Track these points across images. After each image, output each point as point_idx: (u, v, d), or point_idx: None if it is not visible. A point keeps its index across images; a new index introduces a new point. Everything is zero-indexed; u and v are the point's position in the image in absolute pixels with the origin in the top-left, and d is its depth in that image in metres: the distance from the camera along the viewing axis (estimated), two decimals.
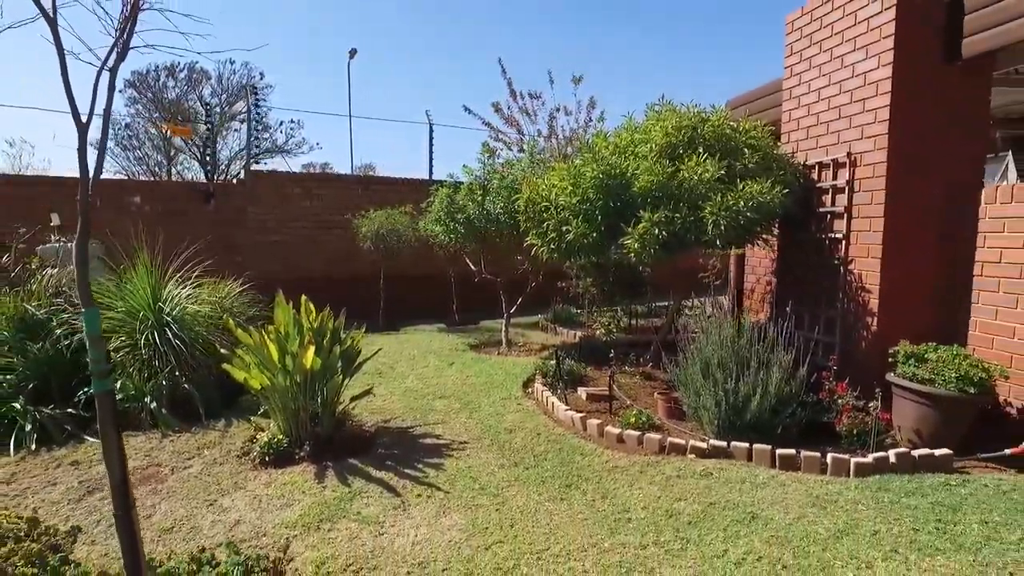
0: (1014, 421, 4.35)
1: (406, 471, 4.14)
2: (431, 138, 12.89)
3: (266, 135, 28.37)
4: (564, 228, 5.53)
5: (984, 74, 5.05)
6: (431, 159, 12.79)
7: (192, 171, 29.35)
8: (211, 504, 3.76)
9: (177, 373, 5.33)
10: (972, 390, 4.08)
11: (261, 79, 26.00)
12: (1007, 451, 4.02)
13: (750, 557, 3.01)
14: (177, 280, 5.93)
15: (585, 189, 5.40)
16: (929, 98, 4.91)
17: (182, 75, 28.13)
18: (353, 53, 22.11)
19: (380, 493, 3.83)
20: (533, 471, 4.10)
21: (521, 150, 13.20)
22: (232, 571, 2.52)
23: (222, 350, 4.95)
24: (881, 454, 3.97)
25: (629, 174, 5.33)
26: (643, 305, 9.10)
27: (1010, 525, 3.18)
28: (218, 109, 27.08)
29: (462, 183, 8.24)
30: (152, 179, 26.55)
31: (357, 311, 4.96)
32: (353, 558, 3.10)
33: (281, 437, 4.39)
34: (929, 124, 4.91)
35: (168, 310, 5.50)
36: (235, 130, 28.74)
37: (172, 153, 28.62)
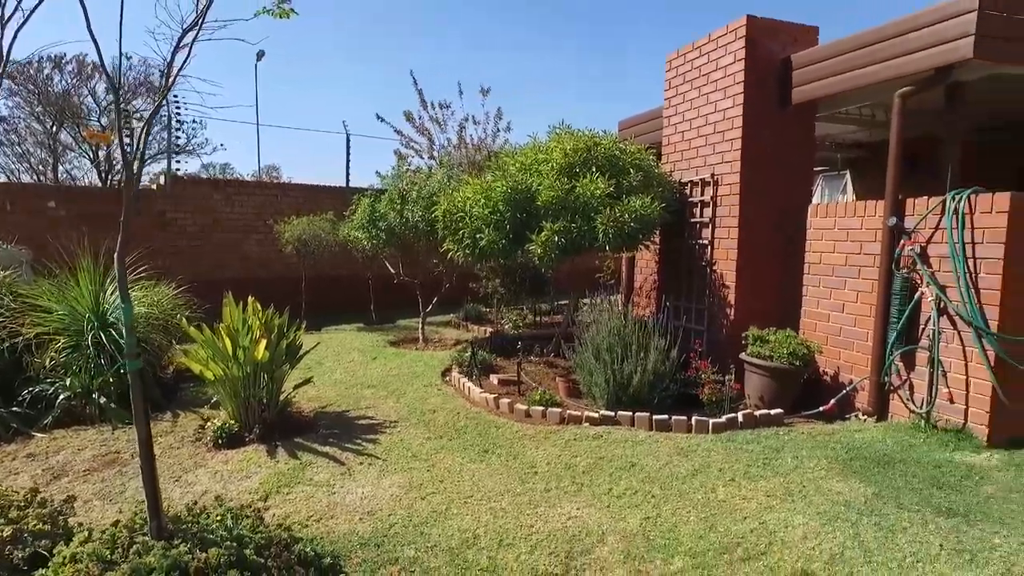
0: (828, 386, 5.58)
1: (347, 446, 4.83)
2: (348, 147, 13.40)
3: (165, 134, 27.40)
4: (478, 236, 6.35)
5: (810, 116, 6.31)
6: (348, 167, 13.33)
7: (82, 171, 27.94)
8: (177, 480, 4.31)
9: (122, 371, 5.73)
10: (798, 363, 5.26)
11: (160, 76, 25.16)
12: (821, 408, 5.23)
13: (628, 491, 3.94)
14: (116, 284, 6.30)
15: (496, 202, 6.24)
16: (771, 132, 6.09)
17: (69, 67, 26.76)
18: (260, 55, 22.02)
19: (327, 464, 4.51)
20: (456, 441, 4.90)
21: (432, 157, 13.95)
22: (226, 514, 3.18)
23: (179, 347, 5.44)
24: (732, 415, 5.06)
25: (533, 189, 6.22)
26: (547, 303, 10.09)
27: (811, 457, 4.32)
28: (112, 107, 25.99)
29: (384, 191, 8.93)
30: (57, 182, 25.12)
31: (280, 312, 5.55)
32: (312, 512, 3.77)
33: (232, 422, 4.97)
34: (771, 152, 6.10)
35: (111, 312, 5.89)
36: (132, 128, 27.52)
37: (59, 151, 27.16)
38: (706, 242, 6.41)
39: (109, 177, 24.43)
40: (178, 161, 13.10)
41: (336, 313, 11.14)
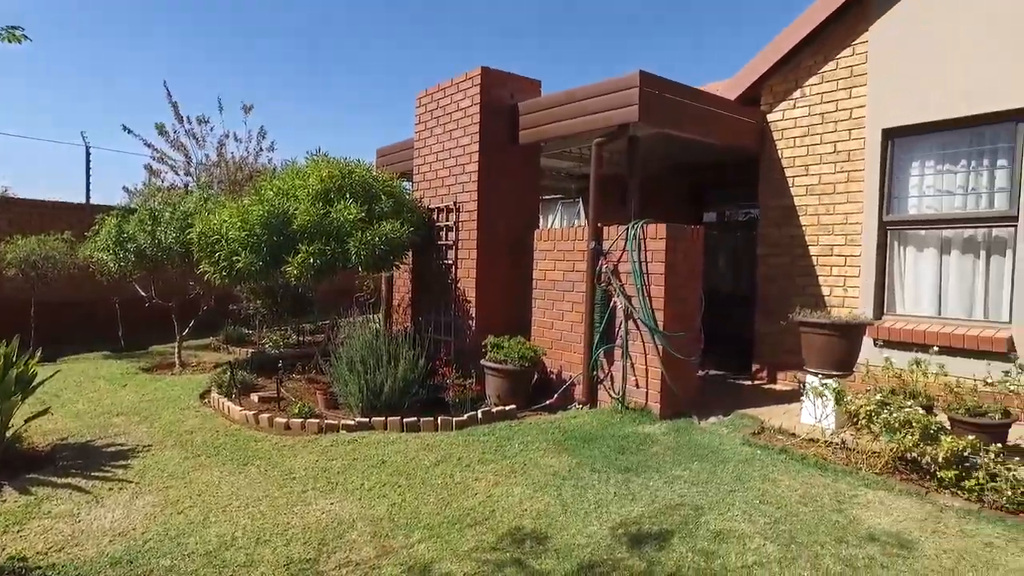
0: (554, 383, 6.65)
1: (94, 474, 4.71)
2: (88, 161, 12.19)
3: None
4: (234, 258, 6.46)
5: (536, 153, 7.46)
6: (88, 183, 12.07)
7: None
8: None
9: None
10: (527, 364, 6.22)
11: None
12: (547, 402, 6.25)
13: (378, 485, 4.45)
14: None
15: (252, 225, 6.41)
16: (504, 166, 7.10)
17: None
18: None
19: (69, 495, 4.36)
20: (215, 458, 5.03)
21: (187, 174, 13.29)
22: None
23: None
24: (473, 413, 5.83)
25: (290, 213, 6.51)
26: (311, 323, 10.25)
27: (534, 441, 5.23)
28: None
29: (134, 210, 8.47)
30: None
31: (5, 341, 5.12)
32: (53, 543, 3.69)
33: None
34: (505, 183, 7.10)
35: None
36: None
37: None
38: (451, 262, 7.23)
39: None
40: None
41: (77, 341, 10.16)
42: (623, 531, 3.69)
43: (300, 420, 5.65)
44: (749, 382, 7.42)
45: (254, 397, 6.57)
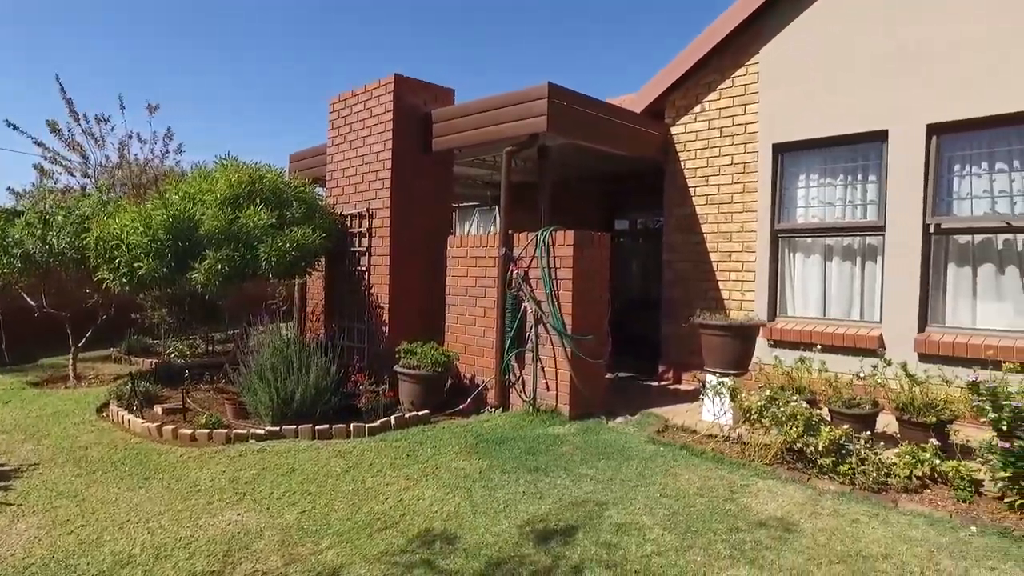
0: (467, 387, 6.74)
1: None
2: None
3: None
4: (136, 264, 6.21)
5: (450, 161, 7.56)
6: None
7: None
8: None
9: None
10: (440, 369, 6.29)
11: None
12: (461, 406, 6.32)
13: (288, 493, 4.40)
14: None
15: (156, 230, 6.19)
16: (417, 173, 7.15)
17: None
18: None
19: None
20: (112, 473, 4.83)
21: (85, 175, 12.61)
22: None
23: None
24: (386, 419, 5.83)
25: (197, 218, 6.33)
26: (221, 332, 9.91)
27: (446, 445, 5.30)
28: None
29: (21, 212, 7.97)
30: None
31: None
32: None
33: None
34: (418, 191, 7.15)
35: None
36: None
37: None
38: (364, 268, 7.21)
39: None
40: None
41: None
42: (530, 528, 3.81)
43: (207, 431, 5.50)
44: (656, 383, 7.75)
45: (158, 409, 6.33)
